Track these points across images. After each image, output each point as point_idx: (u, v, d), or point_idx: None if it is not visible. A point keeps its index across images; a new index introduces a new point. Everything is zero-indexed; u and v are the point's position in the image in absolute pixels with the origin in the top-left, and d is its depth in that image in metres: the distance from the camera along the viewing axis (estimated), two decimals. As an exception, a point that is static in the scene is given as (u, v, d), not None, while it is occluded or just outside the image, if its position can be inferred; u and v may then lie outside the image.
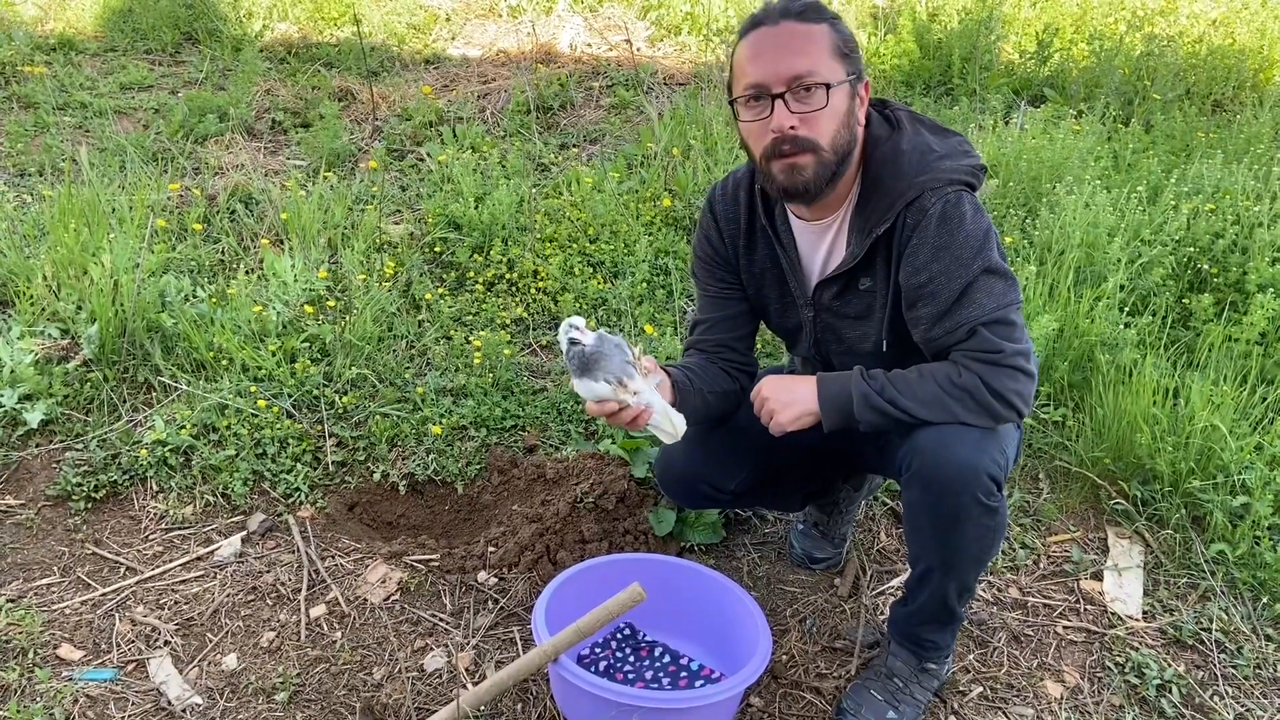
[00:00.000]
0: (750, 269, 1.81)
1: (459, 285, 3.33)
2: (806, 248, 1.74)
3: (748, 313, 1.86)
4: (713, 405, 1.80)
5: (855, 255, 1.65)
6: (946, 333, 1.58)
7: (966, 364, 1.56)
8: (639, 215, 3.65)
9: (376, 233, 3.34)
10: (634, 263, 3.40)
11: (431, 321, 3.11)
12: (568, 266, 3.38)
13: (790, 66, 1.50)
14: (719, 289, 1.84)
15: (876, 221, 1.61)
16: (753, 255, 1.80)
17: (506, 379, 2.87)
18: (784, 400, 1.65)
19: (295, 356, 2.78)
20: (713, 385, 1.81)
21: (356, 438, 2.63)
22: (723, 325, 1.85)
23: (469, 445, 2.66)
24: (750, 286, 1.83)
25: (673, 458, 1.96)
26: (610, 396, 1.48)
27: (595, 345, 1.50)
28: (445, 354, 2.97)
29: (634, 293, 3.29)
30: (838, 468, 2.11)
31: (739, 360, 1.87)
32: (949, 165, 1.57)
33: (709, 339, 1.86)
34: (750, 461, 1.93)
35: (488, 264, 3.35)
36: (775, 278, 1.79)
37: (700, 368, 1.83)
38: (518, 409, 2.80)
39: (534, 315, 3.24)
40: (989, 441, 1.57)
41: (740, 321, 1.85)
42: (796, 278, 1.76)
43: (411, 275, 3.24)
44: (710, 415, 1.84)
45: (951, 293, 1.55)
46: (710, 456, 1.92)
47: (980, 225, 1.55)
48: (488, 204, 3.48)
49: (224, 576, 2.22)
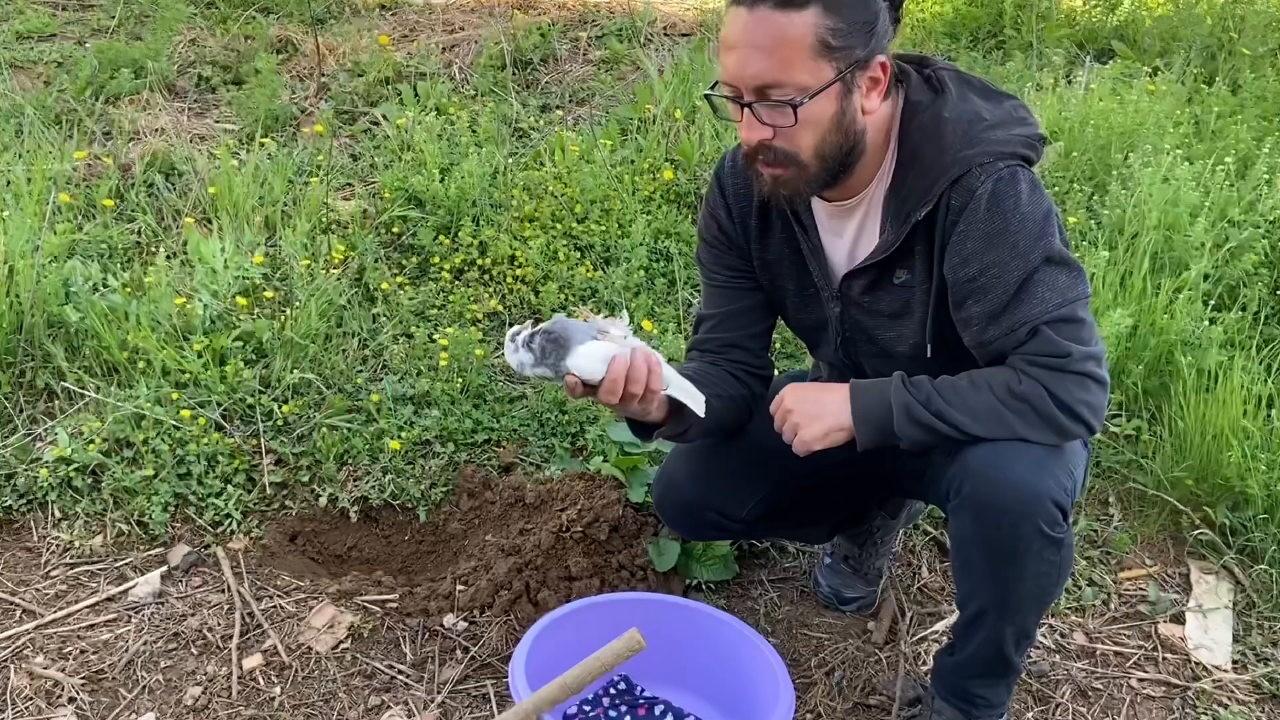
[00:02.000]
0: (764, 255, 1.82)
1: (421, 273, 3.34)
2: (831, 232, 1.75)
3: (762, 306, 1.87)
4: (720, 414, 1.80)
5: (890, 243, 1.65)
6: (1003, 334, 1.57)
7: (1027, 370, 1.56)
8: (635, 190, 3.66)
9: (323, 210, 3.36)
10: (629, 246, 3.41)
11: (389, 316, 3.12)
12: (550, 251, 3.39)
13: (757, 74, 1.49)
14: (728, 278, 1.86)
15: (915, 204, 1.60)
16: (768, 239, 1.81)
17: (478, 385, 2.88)
18: (810, 413, 1.65)
19: (226, 358, 2.78)
20: (720, 390, 1.81)
21: (299, 454, 2.64)
22: (732, 321, 1.86)
23: (433, 463, 2.67)
24: (765, 276, 1.85)
25: (674, 479, 1.97)
26: (607, 350, 1.49)
27: (546, 325, 1.53)
28: (405, 355, 2.98)
29: (630, 282, 3.30)
30: (872, 492, 2.12)
31: (751, 362, 1.88)
32: (1001, 135, 1.57)
33: (716, 337, 1.87)
34: (767, 484, 1.94)
35: (455, 248, 3.36)
36: (794, 266, 1.80)
37: (705, 371, 1.84)
38: (491, 420, 2.81)
39: (511, 309, 3.25)
40: (1053, 461, 1.57)
41: (753, 317, 1.87)
42: (819, 266, 1.77)
43: (365, 261, 3.25)
44: (718, 426, 1.84)
45: (1007, 287, 1.54)
46: (719, 478, 1.93)
47: (1039, 206, 1.55)
48: (455, 176, 3.50)
49: (140, 620, 2.20)
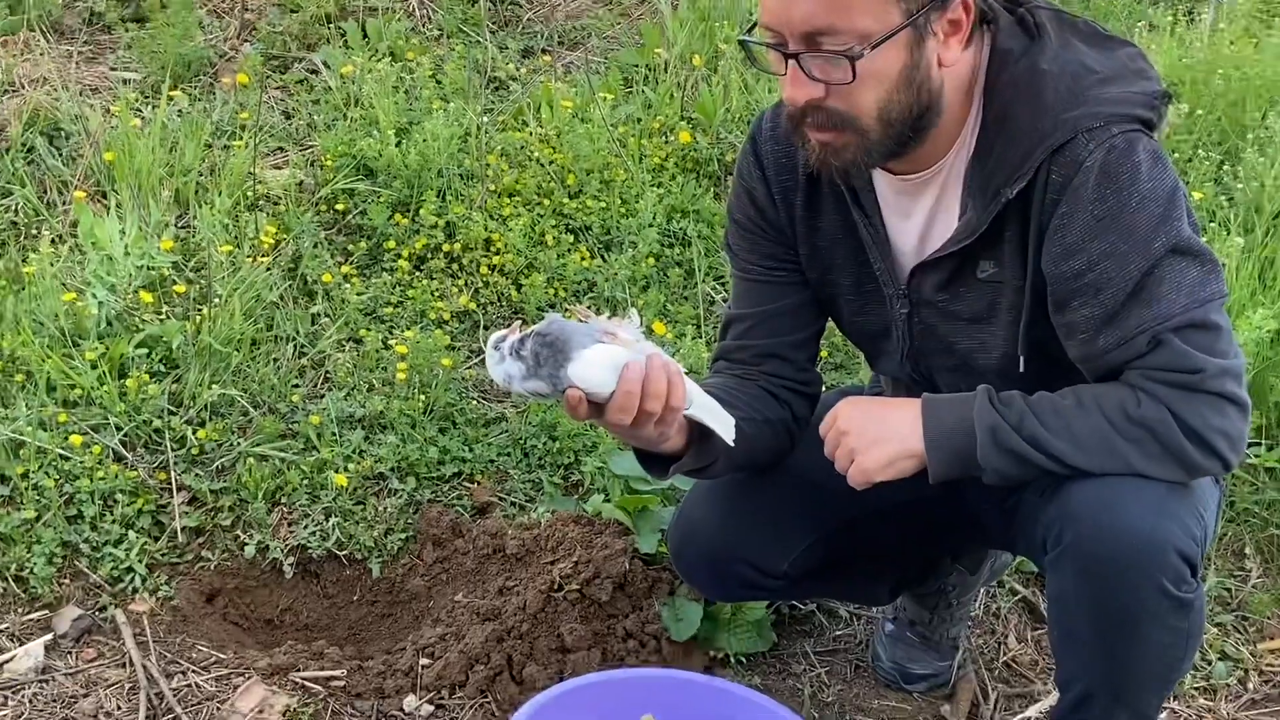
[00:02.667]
0: (813, 241, 1.84)
1: (373, 261, 3.35)
2: (897, 213, 1.76)
3: (808, 307, 1.89)
4: (754, 442, 1.81)
5: (973, 228, 1.66)
6: (1118, 344, 1.57)
7: (1149, 388, 1.56)
8: (643, 157, 3.67)
9: (248, 182, 3.36)
10: (635, 228, 3.41)
11: (332, 316, 3.12)
12: (536, 233, 3.39)
13: (807, 16, 1.50)
14: (765, 270, 1.88)
15: (1005, 178, 1.60)
16: (816, 221, 1.83)
17: (445, 403, 2.89)
18: (871, 435, 1.65)
19: (126, 369, 2.77)
20: (754, 412, 1.83)
21: (219, 492, 2.64)
22: (770, 324, 1.88)
23: (389, 503, 2.67)
24: (813, 268, 1.86)
25: (696, 524, 1.97)
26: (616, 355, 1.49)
27: (539, 326, 1.53)
28: (353, 365, 2.99)
29: (636, 273, 3.30)
30: (945, 539, 2.14)
31: (793, 377, 1.90)
32: (1114, 93, 1.56)
33: (750, 344, 1.89)
34: (814, 529, 1.96)
35: (416, 229, 3.37)
36: (850, 256, 1.82)
37: (735, 388, 1.85)
38: (462, 449, 2.81)
39: (486, 307, 3.24)
40: (1178, 503, 1.57)
41: (796, 319, 1.89)
42: (882, 257, 1.81)
43: (301, 246, 3.25)
44: (750, 459, 1.86)
45: (1123, 285, 1.55)
46: (753, 522, 1.94)
47: (1163, 182, 1.54)
48: (415, 139, 3.50)
49: (19, 703, 2.19)
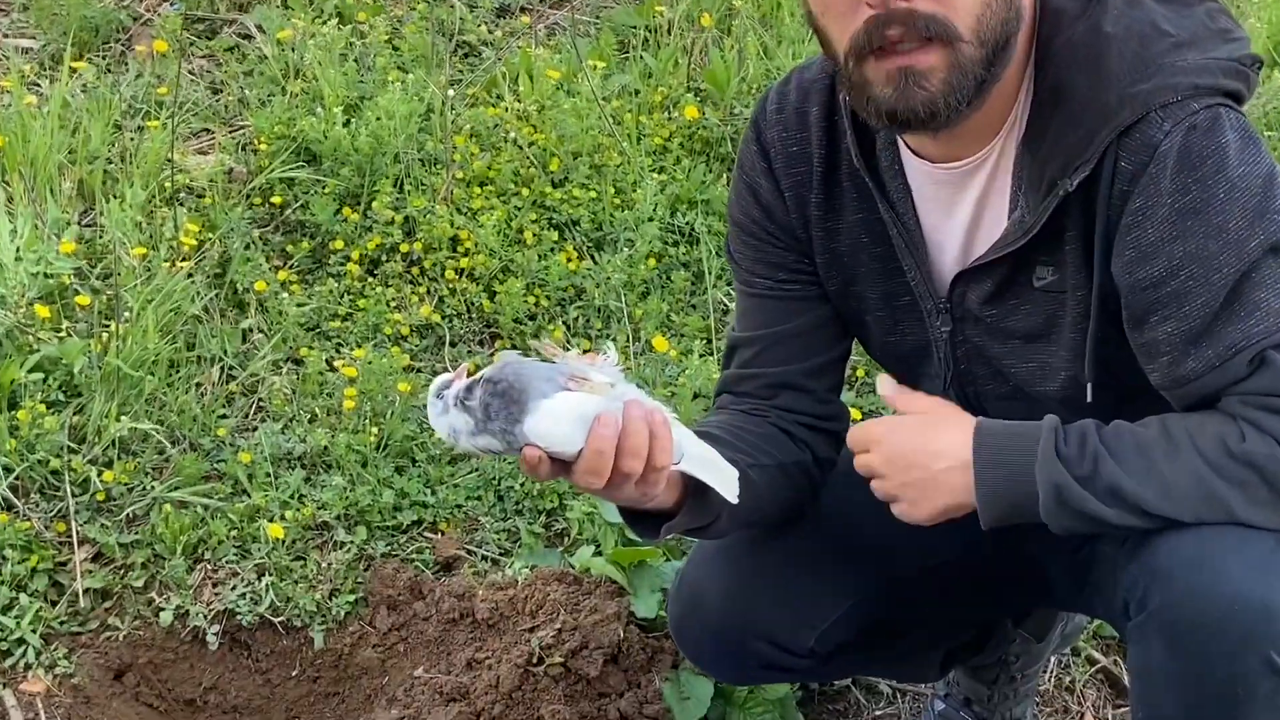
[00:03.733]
0: (832, 245, 1.84)
1: (316, 265, 3.36)
2: (936, 209, 1.76)
3: (828, 325, 1.90)
4: (766, 494, 1.81)
5: (1026, 226, 1.65)
6: (1211, 366, 1.56)
7: (1254, 418, 1.53)
8: (641, 137, 3.67)
9: (166, 171, 3.35)
10: (633, 223, 3.42)
11: (267, 331, 3.13)
12: (513, 230, 3.40)
13: None
14: (775, 283, 1.88)
15: (1063, 166, 1.60)
16: (836, 221, 1.83)
17: (403, 436, 2.90)
18: (916, 487, 1.68)
19: (18, 398, 2.79)
20: (764, 457, 1.82)
21: (130, 546, 2.65)
22: (783, 348, 1.89)
23: (335, 558, 2.69)
24: (833, 279, 1.86)
25: (702, 591, 1.96)
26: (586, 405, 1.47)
27: (493, 369, 1.52)
28: (292, 392, 3.01)
29: (633, 277, 3.32)
30: (1005, 599, 2.14)
31: (812, 411, 1.90)
32: (1192, 60, 1.55)
33: (759, 373, 1.90)
34: (846, 593, 1.97)
35: (368, 226, 3.38)
36: (878, 263, 1.82)
37: (741, 427, 1.85)
38: (423, 492, 2.83)
39: (452, 320, 3.26)
40: (1288, 560, 1.55)
41: (814, 341, 1.90)
42: (918, 263, 1.78)
43: (230, 248, 3.26)
44: (761, 514, 1.85)
45: (1213, 294, 1.53)
46: (770, 588, 1.95)
47: (1256, 167, 1.53)
48: (367, 118, 3.51)
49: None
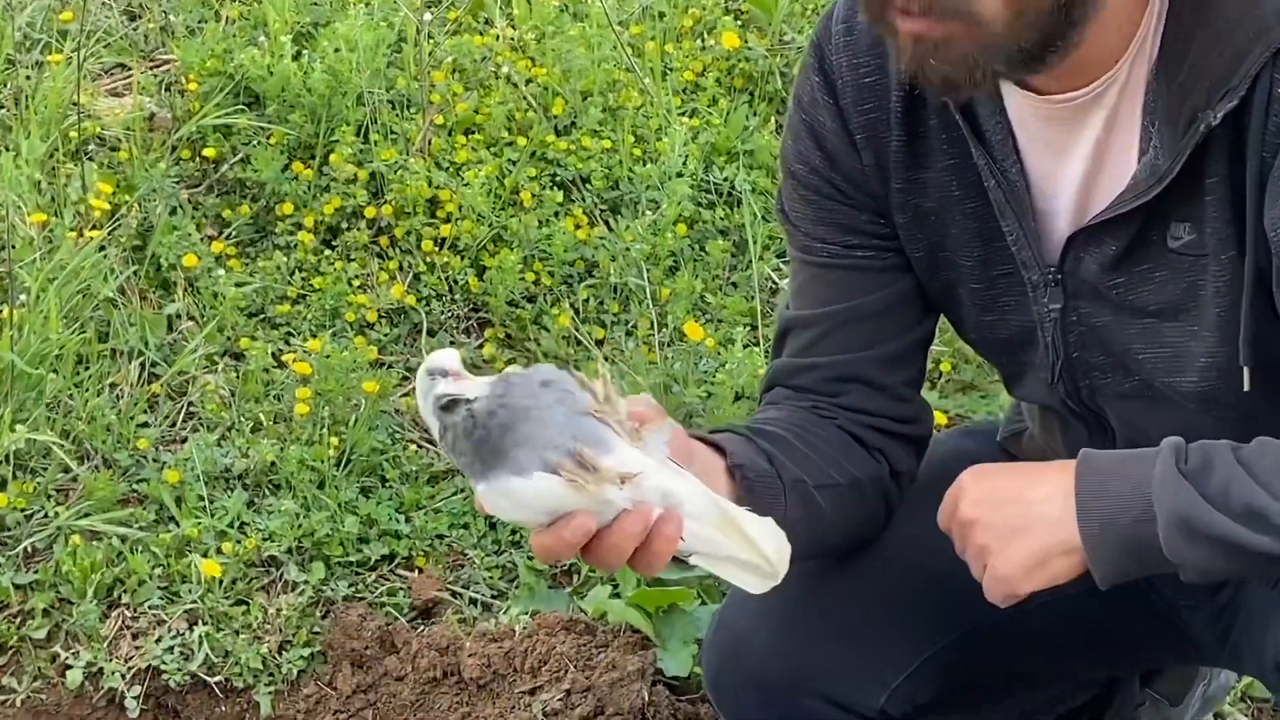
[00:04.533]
0: (915, 201, 1.83)
1: (260, 235, 3.35)
2: (1046, 153, 1.75)
3: (908, 303, 1.90)
4: (831, 522, 1.82)
5: (1160, 172, 1.65)
6: None
7: None
8: (668, 72, 3.66)
9: (71, 117, 3.37)
10: (658, 179, 3.41)
11: (199, 318, 3.12)
12: (506, 190, 3.39)
13: None
14: (841, 250, 1.88)
15: (1205, 96, 1.61)
16: (920, 170, 1.82)
17: (370, 449, 2.89)
18: (1007, 523, 1.65)
19: (-113, 402, 2.78)
20: (829, 474, 1.83)
21: (28, 588, 2.65)
22: (850, 333, 1.88)
23: (285, 603, 2.67)
24: (915, 243, 1.86)
25: (741, 639, 1.96)
26: (565, 503, 1.46)
27: (495, 396, 1.47)
28: (230, 394, 2.98)
29: (658, 248, 3.30)
30: (1130, 652, 2.11)
31: (888, 412, 1.90)
32: None
33: (820, 363, 1.89)
34: (926, 641, 1.96)
35: (325, 186, 3.37)
36: (972, 222, 1.81)
37: (801, 429, 1.84)
38: (395, 518, 2.81)
39: (430, 302, 3.24)
40: None
41: (890, 323, 1.90)
42: (1021, 222, 1.78)
43: (152, 213, 3.26)
44: (821, 543, 1.86)
45: None
46: (830, 635, 1.95)
47: None
48: (323, 49, 3.50)
49: None
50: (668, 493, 1.51)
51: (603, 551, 1.52)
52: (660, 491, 1.51)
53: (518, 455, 1.46)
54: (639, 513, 1.50)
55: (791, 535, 1.66)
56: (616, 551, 1.52)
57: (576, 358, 3.17)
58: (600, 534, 1.51)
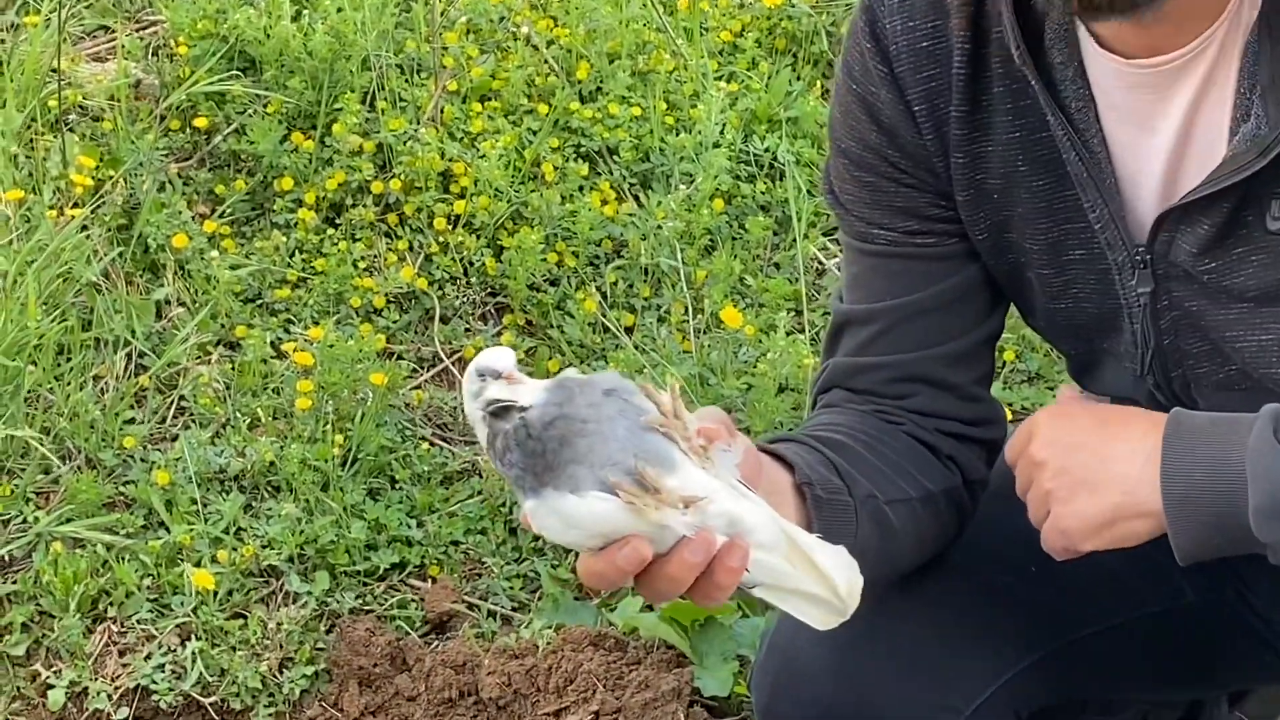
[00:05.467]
0: (979, 177, 1.83)
1: (256, 213, 3.37)
2: (1129, 122, 1.74)
3: (975, 293, 1.90)
4: (903, 540, 1.81)
5: (1264, 143, 1.63)
6: None
7: None
8: (704, 30, 3.66)
9: (50, 85, 3.37)
10: (692, 150, 3.42)
11: (190, 304, 3.15)
12: (526, 162, 3.40)
13: None
14: (900, 236, 1.88)
15: None
16: (984, 141, 1.81)
17: (379, 446, 2.91)
18: (1080, 471, 1.67)
19: None
20: (906, 484, 1.82)
21: (6, 600, 2.66)
22: (913, 328, 1.88)
23: (286, 616, 2.69)
24: (979, 223, 1.85)
25: (798, 660, 1.96)
26: (621, 526, 1.44)
27: (553, 404, 1.46)
28: (225, 387, 3.01)
29: (693, 226, 3.31)
30: (1216, 670, 2.09)
31: (958, 414, 1.90)
32: None
33: (881, 364, 1.90)
34: (1005, 660, 1.95)
35: (327, 159, 3.39)
36: (1046, 199, 1.81)
37: (875, 436, 1.85)
38: (406, 523, 2.83)
39: (444, 286, 3.27)
40: None
41: (957, 315, 1.90)
42: (1105, 198, 1.78)
43: (139, 190, 3.27)
44: (894, 563, 1.85)
45: None
46: (900, 654, 1.94)
47: None
48: (324, 9, 3.50)
49: None
50: (734, 519, 1.50)
51: (658, 582, 1.52)
52: (727, 518, 1.50)
53: (574, 472, 1.46)
54: (701, 541, 1.49)
55: (861, 558, 1.65)
56: (674, 582, 1.52)
57: (603, 346, 3.17)
58: (657, 562, 1.50)
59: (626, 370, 3.03)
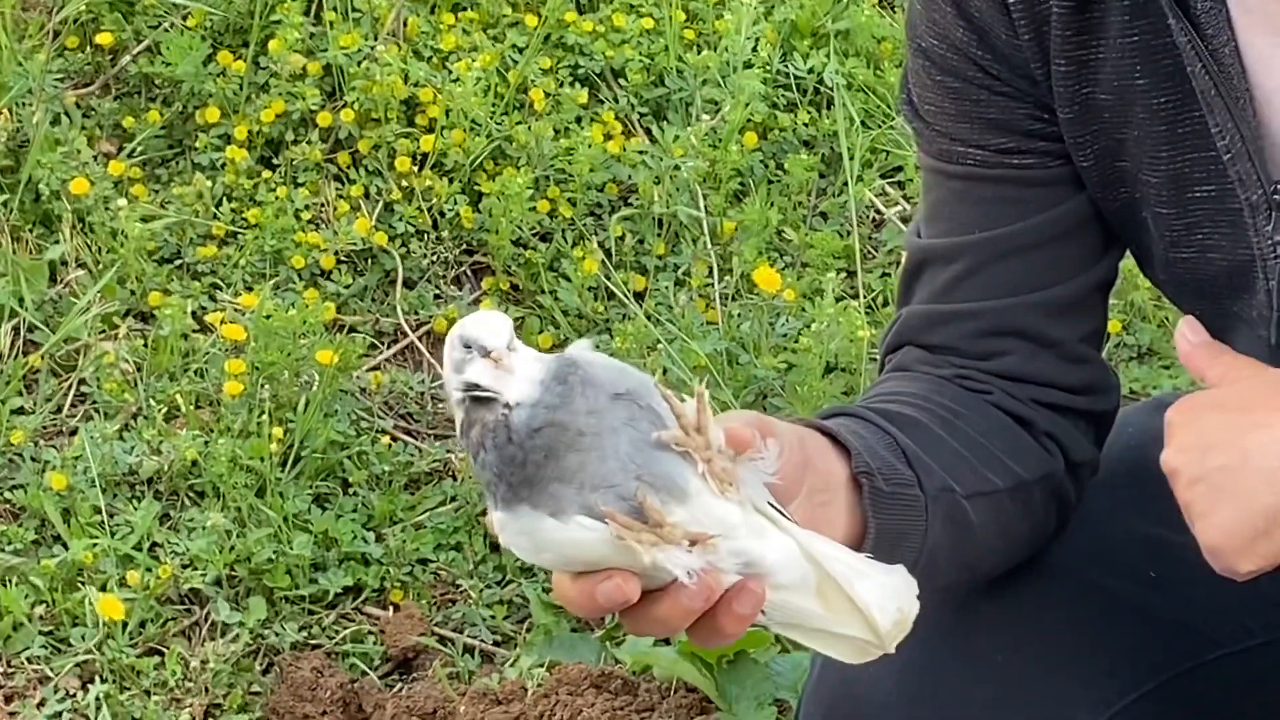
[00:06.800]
0: (1083, 90, 1.84)
1: (175, 153, 3.38)
2: (1264, 31, 1.76)
3: (1081, 226, 1.90)
4: (985, 538, 1.83)
5: None
6: None
7: None
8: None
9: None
10: (716, 73, 3.43)
11: (92, 265, 3.15)
12: (510, 88, 3.41)
13: None
14: (992, 156, 1.88)
15: None
16: (1092, 45, 1.82)
17: (326, 444, 2.92)
18: (1218, 480, 1.65)
19: None
20: (991, 471, 1.84)
21: None
22: (1008, 268, 1.88)
23: (214, 652, 2.69)
24: (1082, 146, 1.87)
25: (863, 687, 1.93)
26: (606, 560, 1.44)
27: (545, 406, 1.45)
28: (136, 369, 3.00)
29: (718, 166, 3.31)
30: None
31: (1060, 380, 1.90)
32: None
33: (968, 311, 1.90)
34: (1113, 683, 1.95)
35: (262, 85, 3.39)
36: (1162, 119, 1.82)
37: (942, 412, 1.86)
38: (362, 536, 2.84)
39: (408, 242, 3.28)
40: None
41: (1060, 254, 1.90)
42: (1238, 123, 1.78)
43: (28, 123, 3.26)
44: (975, 567, 1.89)
45: None
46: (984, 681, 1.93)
47: None
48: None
49: None
50: (752, 561, 1.51)
51: (645, 623, 1.51)
52: (743, 559, 1.50)
53: (557, 491, 1.45)
54: (701, 587, 1.49)
55: (931, 564, 1.70)
56: (664, 626, 1.51)
57: (607, 317, 3.16)
58: (646, 599, 1.50)
59: (636, 345, 3.03)
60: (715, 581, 1.48)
